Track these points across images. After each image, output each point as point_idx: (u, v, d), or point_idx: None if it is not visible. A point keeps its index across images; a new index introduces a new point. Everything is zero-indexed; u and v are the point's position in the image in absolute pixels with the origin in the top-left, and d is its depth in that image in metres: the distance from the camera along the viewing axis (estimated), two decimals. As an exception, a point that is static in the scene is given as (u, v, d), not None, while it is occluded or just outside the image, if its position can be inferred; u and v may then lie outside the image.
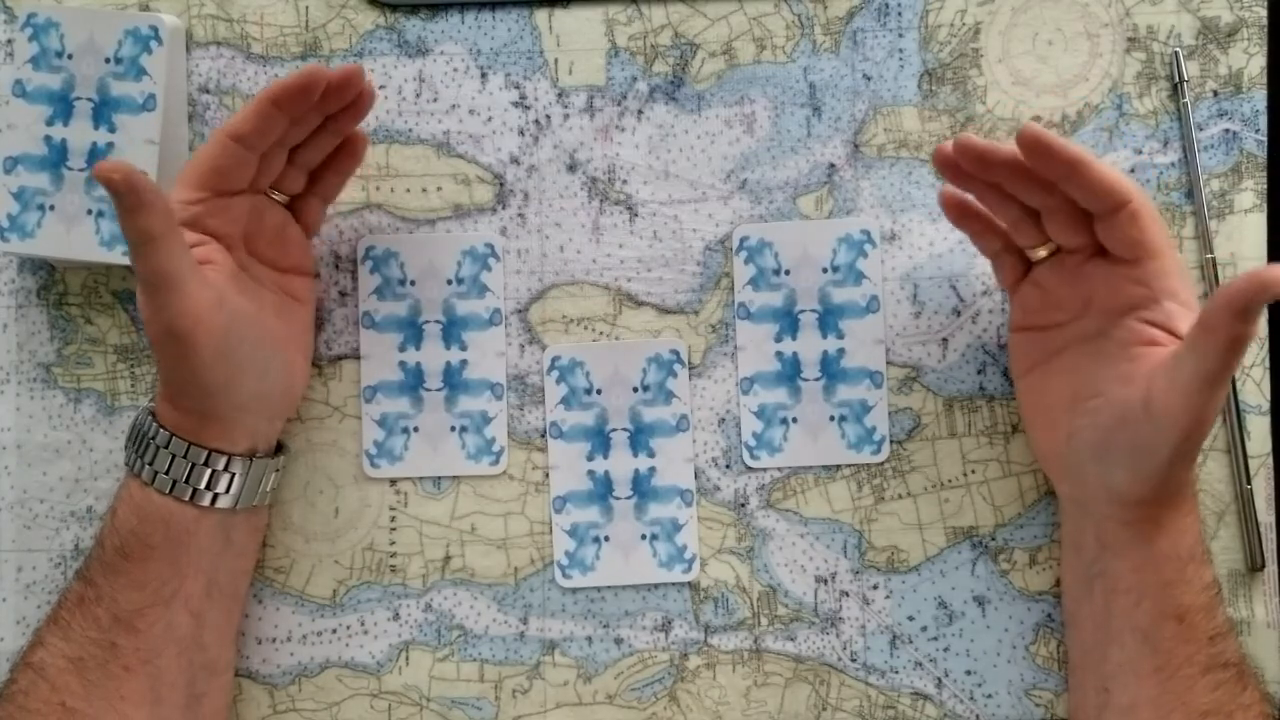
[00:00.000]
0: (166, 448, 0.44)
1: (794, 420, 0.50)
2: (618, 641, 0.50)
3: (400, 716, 0.50)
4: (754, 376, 0.51)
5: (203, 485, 0.44)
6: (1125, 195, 0.41)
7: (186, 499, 0.44)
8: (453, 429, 0.51)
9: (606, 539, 0.50)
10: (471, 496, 0.51)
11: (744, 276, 0.51)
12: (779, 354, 0.51)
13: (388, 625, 0.50)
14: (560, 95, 0.51)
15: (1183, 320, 0.42)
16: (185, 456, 0.44)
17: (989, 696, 0.50)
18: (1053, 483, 0.48)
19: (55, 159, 0.48)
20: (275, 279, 0.48)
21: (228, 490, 0.45)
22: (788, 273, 0.51)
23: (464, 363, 0.51)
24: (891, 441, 0.50)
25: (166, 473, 0.44)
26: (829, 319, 0.50)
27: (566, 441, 0.51)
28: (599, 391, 0.51)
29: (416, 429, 0.51)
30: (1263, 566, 0.49)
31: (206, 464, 0.44)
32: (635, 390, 0.51)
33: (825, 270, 0.51)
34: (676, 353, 0.51)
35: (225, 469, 0.45)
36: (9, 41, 0.51)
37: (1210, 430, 0.41)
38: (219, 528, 0.46)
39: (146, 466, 0.44)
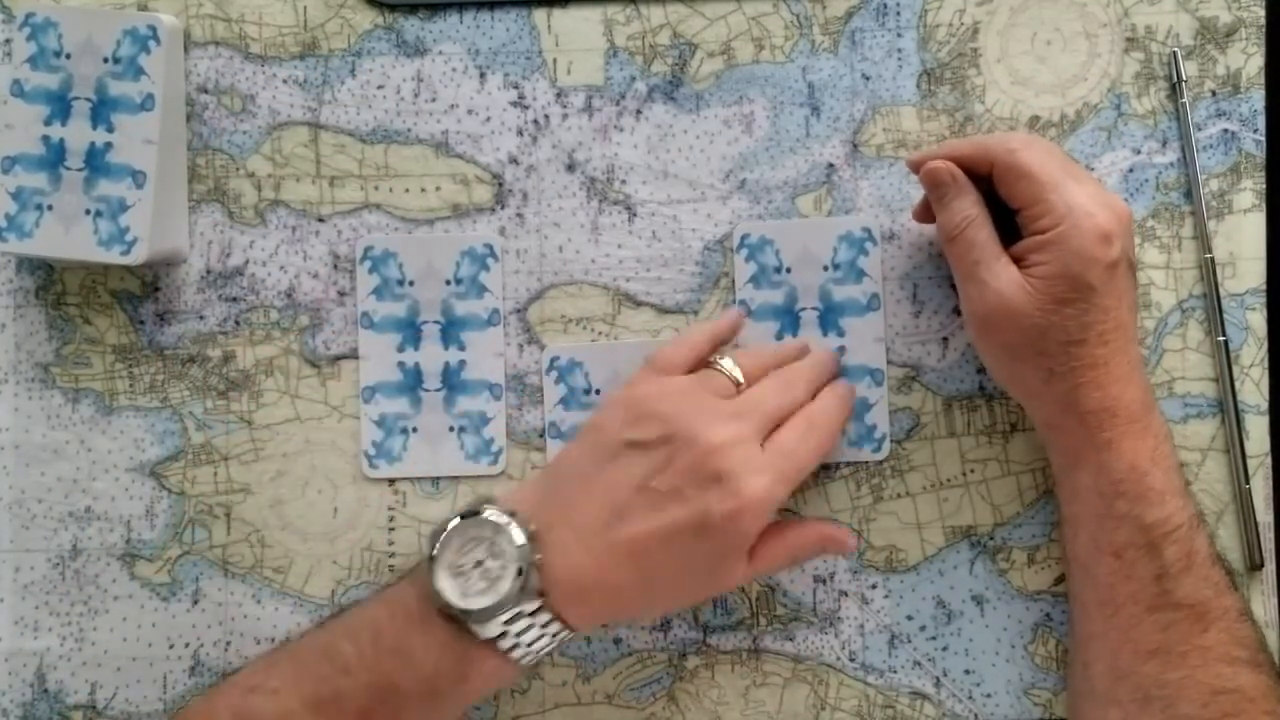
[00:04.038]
0: (544, 627, 0.42)
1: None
2: (616, 641, 0.50)
3: (399, 717, 0.50)
4: None
5: (545, 650, 0.43)
6: (987, 159, 0.45)
7: (525, 661, 0.43)
8: (451, 429, 0.51)
9: (605, 539, 0.50)
10: (470, 496, 0.51)
11: (745, 274, 0.51)
12: None
13: (386, 625, 0.50)
14: (559, 95, 0.51)
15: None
16: (547, 629, 0.42)
17: (987, 696, 0.50)
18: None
19: (53, 159, 0.48)
20: None
21: (548, 651, 0.44)
22: (789, 270, 0.51)
23: (463, 363, 0.51)
24: (891, 441, 0.50)
25: (528, 644, 0.42)
26: (830, 317, 0.50)
27: (565, 442, 0.50)
28: (598, 392, 0.51)
29: (415, 429, 0.51)
30: (1261, 566, 0.49)
31: (555, 635, 0.43)
32: None
33: (826, 268, 0.51)
34: None
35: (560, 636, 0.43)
36: (7, 41, 0.51)
37: (1046, 341, 0.43)
38: None
39: (521, 646, 0.42)
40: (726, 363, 0.46)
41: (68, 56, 0.48)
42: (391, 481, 0.51)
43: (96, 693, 0.50)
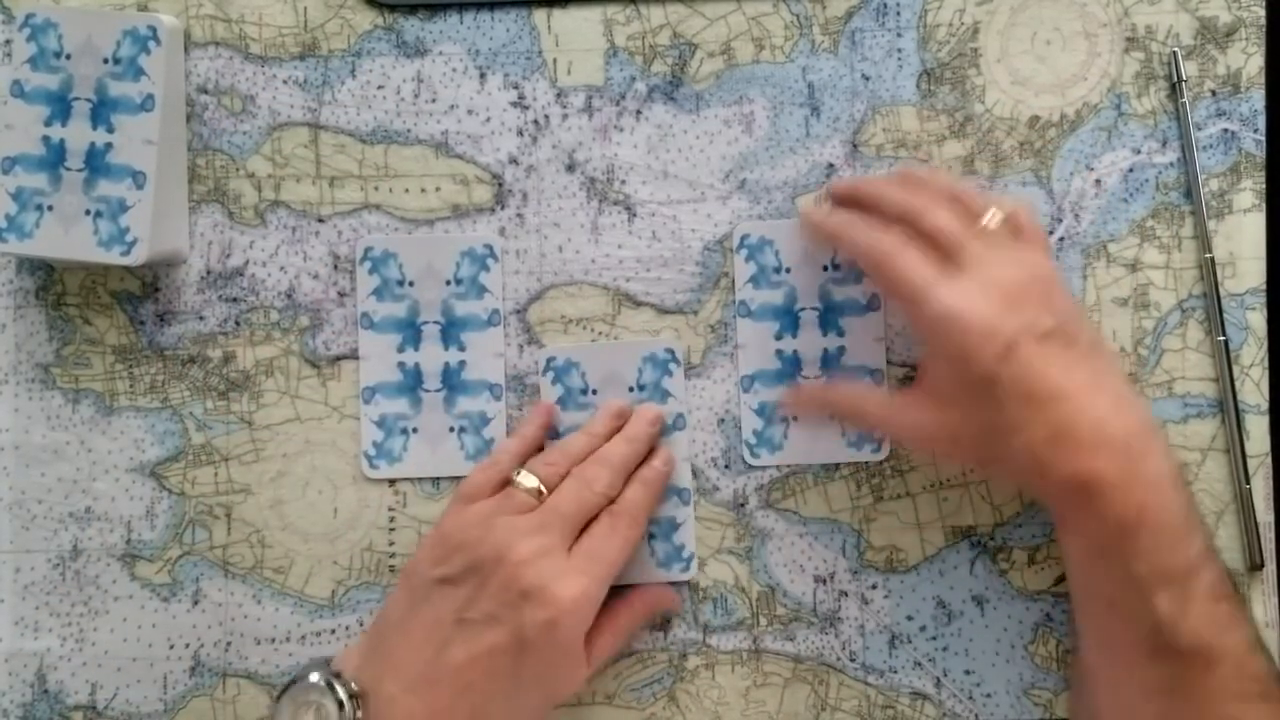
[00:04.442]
0: None
1: (795, 418, 0.50)
2: (617, 642, 0.50)
3: (399, 717, 0.50)
4: (755, 374, 0.50)
5: None
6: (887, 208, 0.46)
7: None
8: (451, 430, 0.51)
9: (605, 539, 0.50)
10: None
11: (744, 274, 0.51)
12: (779, 352, 0.51)
13: (387, 626, 0.50)
14: (559, 95, 0.51)
15: None
16: None
17: (988, 696, 0.50)
18: None
19: (53, 159, 0.48)
20: None
21: None
22: (788, 271, 0.51)
23: (463, 363, 0.51)
24: (891, 441, 0.50)
25: None
26: (829, 317, 0.50)
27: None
28: (595, 392, 0.51)
29: (415, 430, 0.51)
30: (1261, 566, 0.49)
31: None
32: (631, 390, 0.51)
33: (826, 268, 0.51)
34: (672, 352, 0.50)
35: None
36: (7, 42, 0.51)
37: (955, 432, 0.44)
38: None
39: None
40: (524, 477, 0.46)
41: (68, 57, 0.48)
42: (392, 482, 0.51)
43: (97, 693, 0.50)
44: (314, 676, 0.43)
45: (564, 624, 0.43)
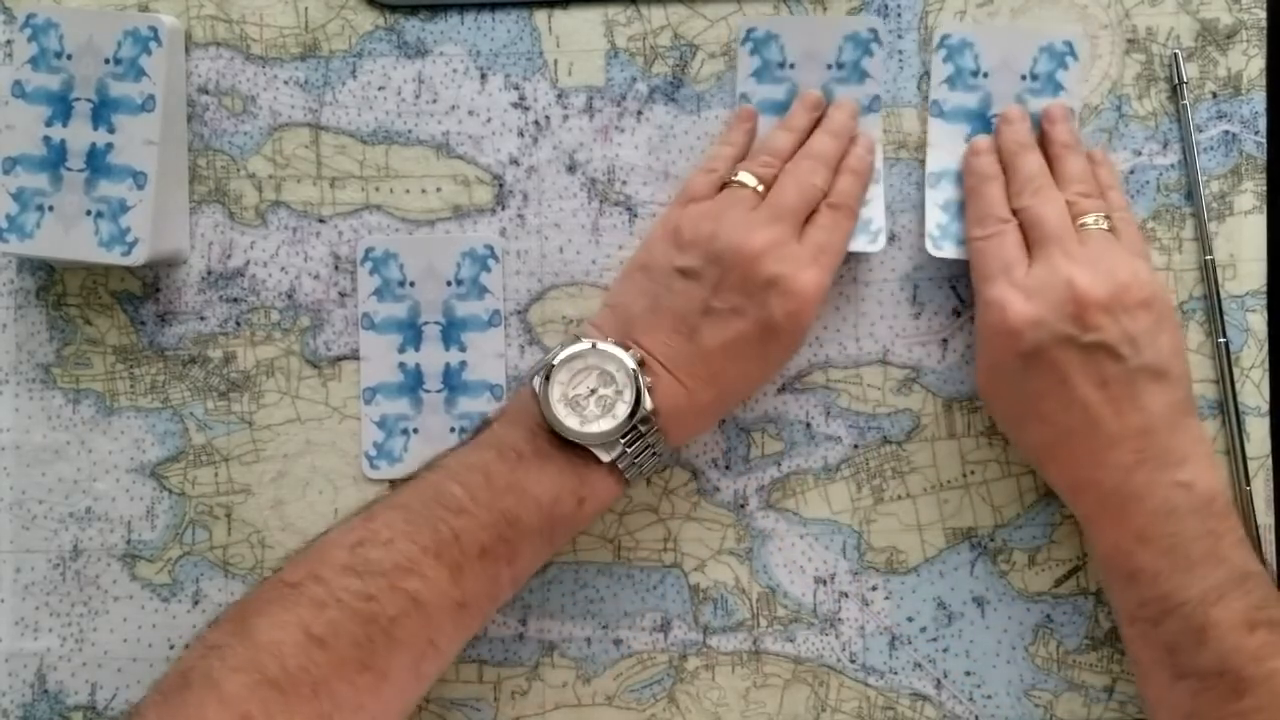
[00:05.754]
0: (654, 445, 0.45)
1: None
2: (617, 642, 0.50)
3: (399, 717, 0.50)
4: None
5: (652, 469, 0.46)
6: None
7: (633, 479, 0.46)
8: (452, 430, 0.51)
9: (606, 540, 0.50)
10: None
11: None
12: None
13: (387, 626, 0.50)
14: (560, 96, 0.51)
15: None
16: (655, 447, 0.45)
17: (988, 697, 0.50)
18: None
19: (54, 160, 0.48)
20: None
21: (653, 470, 0.47)
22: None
23: (463, 364, 0.51)
24: (891, 442, 0.50)
25: (639, 463, 0.45)
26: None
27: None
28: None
29: (416, 430, 0.51)
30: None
31: (659, 454, 0.46)
32: (830, 68, 0.50)
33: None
34: (875, 31, 0.50)
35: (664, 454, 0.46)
36: (8, 42, 0.51)
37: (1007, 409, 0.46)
38: None
39: (634, 466, 0.45)
40: (744, 176, 0.47)
41: (69, 57, 0.48)
42: (392, 482, 0.51)
43: (97, 693, 0.50)
44: (600, 343, 0.44)
45: (805, 312, 0.45)
